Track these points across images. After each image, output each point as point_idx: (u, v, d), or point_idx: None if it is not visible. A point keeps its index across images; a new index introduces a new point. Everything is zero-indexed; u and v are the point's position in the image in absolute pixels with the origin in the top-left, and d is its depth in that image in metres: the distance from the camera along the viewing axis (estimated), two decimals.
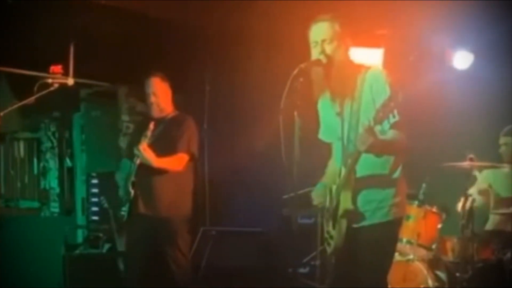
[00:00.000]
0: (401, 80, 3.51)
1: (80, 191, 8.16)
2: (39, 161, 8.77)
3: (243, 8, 5.78)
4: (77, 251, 6.74)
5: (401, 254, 5.16)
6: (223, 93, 6.90)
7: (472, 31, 5.80)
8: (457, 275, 5.02)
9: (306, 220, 5.99)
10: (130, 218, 4.99)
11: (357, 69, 3.50)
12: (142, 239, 5.03)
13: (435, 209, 5.25)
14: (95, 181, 7.55)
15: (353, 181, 3.41)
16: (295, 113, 3.32)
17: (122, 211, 5.02)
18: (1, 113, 4.79)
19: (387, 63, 5.79)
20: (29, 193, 8.76)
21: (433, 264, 5.24)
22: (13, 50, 5.88)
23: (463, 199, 5.00)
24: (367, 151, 3.26)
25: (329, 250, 3.60)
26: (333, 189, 3.54)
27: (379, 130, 3.20)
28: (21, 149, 8.83)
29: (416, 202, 5.21)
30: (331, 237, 3.54)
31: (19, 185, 8.80)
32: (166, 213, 4.96)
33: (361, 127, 3.28)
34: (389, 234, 3.51)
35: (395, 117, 3.07)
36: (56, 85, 4.98)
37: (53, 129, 8.61)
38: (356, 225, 3.46)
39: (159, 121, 5.07)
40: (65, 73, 5.33)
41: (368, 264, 3.43)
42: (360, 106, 3.42)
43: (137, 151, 4.85)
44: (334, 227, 3.50)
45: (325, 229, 3.64)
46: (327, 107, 3.61)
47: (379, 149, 3.29)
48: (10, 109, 4.98)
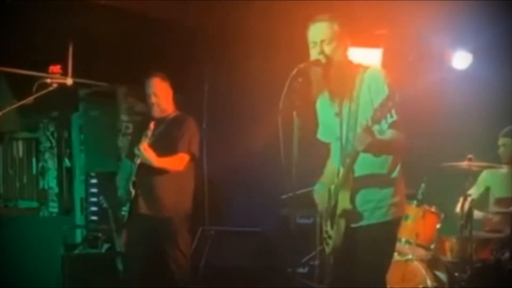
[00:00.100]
0: (400, 80, 3.52)
1: (79, 191, 8.16)
2: (38, 161, 8.77)
3: (242, 8, 5.78)
4: (76, 251, 6.74)
5: (400, 254, 5.16)
6: (222, 93, 6.90)
7: (471, 31, 5.80)
8: (456, 275, 5.03)
9: (305, 220, 6.00)
10: (130, 218, 4.99)
11: (355, 69, 3.50)
12: (142, 239, 5.03)
13: (433, 209, 5.25)
14: (94, 181, 7.55)
15: (352, 181, 3.41)
16: (294, 113, 3.31)
17: (122, 211, 5.02)
18: (0, 113, 4.79)
19: (386, 63, 5.79)
20: (28, 193, 8.75)
21: (432, 264, 5.25)
22: (12, 50, 5.87)
23: (462, 199, 5.00)
24: (365, 151, 3.26)
25: (327, 250, 3.60)
26: (332, 189, 3.55)
27: (377, 130, 3.21)
28: (19, 149, 8.82)
29: (414, 202, 5.20)
30: (330, 237, 3.54)
31: (18, 185, 8.79)
32: (166, 213, 4.96)
33: (359, 127, 3.28)
34: (387, 234, 3.51)
35: (393, 116, 3.07)
36: (55, 85, 4.97)
37: (52, 129, 8.60)
38: (354, 225, 3.46)
39: (160, 121, 5.07)
40: (64, 73, 5.33)
41: (366, 264, 3.43)
42: (358, 106, 3.42)
43: (137, 151, 4.85)
44: (332, 227, 3.51)
45: (323, 229, 3.65)
46: (325, 107, 3.61)
47: (377, 148, 3.29)
48: (9, 109, 4.98)
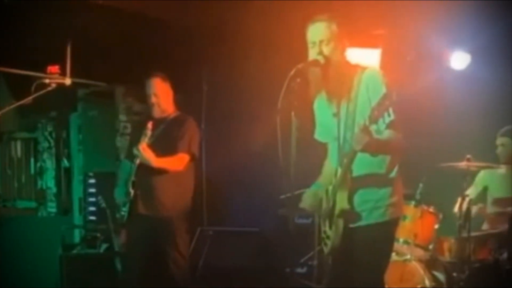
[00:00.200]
0: (398, 80, 3.52)
1: (77, 191, 8.15)
2: (36, 161, 8.76)
3: (240, 8, 5.78)
4: (74, 251, 6.73)
5: (398, 254, 5.17)
6: (220, 93, 6.90)
7: (469, 31, 5.80)
8: (454, 275, 5.03)
9: (303, 220, 6.00)
10: (129, 218, 4.99)
11: (353, 70, 3.51)
12: (141, 239, 5.02)
13: (432, 209, 5.26)
14: (92, 181, 7.54)
15: (349, 181, 3.41)
16: (292, 114, 3.31)
17: (122, 211, 5.02)
18: None
19: (385, 64, 5.79)
20: (26, 193, 8.75)
21: (430, 264, 5.25)
22: (10, 50, 5.87)
23: (460, 200, 5.01)
24: (363, 151, 3.26)
25: (325, 250, 3.61)
26: (329, 189, 3.55)
27: (374, 129, 3.21)
28: (18, 149, 8.82)
29: (413, 202, 5.21)
30: (328, 237, 3.54)
31: (16, 185, 8.79)
32: (166, 213, 4.96)
33: (357, 127, 3.28)
34: (385, 234, 3.51)
35: (390, 116, 3.07)
36: (53, 85, 4.98)
37: (50, 129, 8.60)
38: (352, 225, 3.46)
39: (160, 121, 5.07)
40: (63, 73, 5.33)
41: (364, 264, 3.44)
42: (356, 106, 3.42)
43: (136, 151, 4.85)
44: (330, 227, 3.51)
45: (321, 229, 3.65)
46: (323, 107, 3.62)
47: (375, 148, 3.29)
48: (7, 109, 4.98)
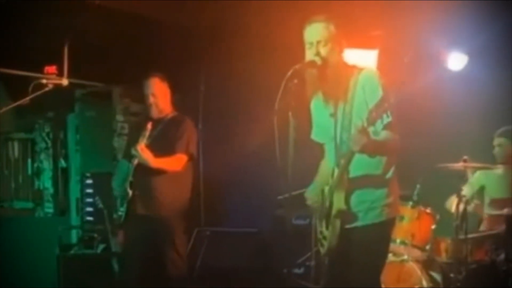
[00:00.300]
0: (395, 81, 3.52)
1: (74, 192, 8.15)
2: (33, 162, 8.76)
3: (238, 8, 5.78)
4: (72, 252, 6.73)
5: (396, 254, 5.17)
6: (218, 94, 6.90)
7: (466, 32, 5.81)
8: (451, 275, 5.03)
9: (301, 220, 5.99)
10: (127, 218, 4.99)
11: (350, 71, 3.51)
12: (139, 240, 5.02)
13: (429, 210, 5.26)
14: (89, 181, 7.54)
15: (346, 182, 3.42)
16: (290, 114, 3.32)
17: (119, 211, 5.01)
18: None
19: (382, 65, 5.79)
20: (23, 193, 8.75)
21: (427, 264, 5.26)
22: (8, 50, 5.86)
23: (456, 200, 5.01)
24: (360, 152, 3.27)
25: (322, 250, 3.61)
26: (326, 189, 3.55)
27: (372, 131, 3.22)
28: (15, 150, 8.82)
29: (410, 203, 5.21)
30: (324, 237, 3.55)
31: (13, 185, 8.78)
32: (164, 213, 4.96)
33: (353, 128, 3.29)
34: (382, 234, 3.52)
35: (388, 117, 3.09)
36: (50, 86, 4.96)
37: (47, 129, 8.60)
38: (349, 226, 3.47)
39: (157, 122, 5.06)
40: (60, 74, 5.32)
41: (361, 264, 3.44)
42: (352, 107, 3.43)
43: (134, 151, 4.85)
44: (327, 228, 3.51)
45: (318, 229, 3.65)
46: (320, 108, 3.62)
47: (372, 149, 3.30)
48: (4, 109, 4.96)
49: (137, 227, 5.00)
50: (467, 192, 5.27)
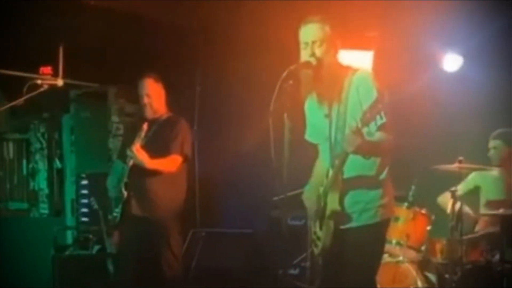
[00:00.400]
0: (391, 82, 3.52)
1: (69, 192, 8.14)
2: (29, 162, 8.75)
3: (233, 9, 5.78)
4: (67, 252, 6.72)
5: (391, 255, 5.18)
6: (213, 94, 6.89)
7: (461, 34, 5.82)
8: (446, 276, 5.03)
9: (296, 221, 5.99)
10: (122, 219, 4.98)
11: (345, 71, 3.51)
12: (134, 240, 5.01)
13: (424, 211, 5.27)
14: (84, 182, 7.53)
15: (341, 183, 3.42)
16: (285, 115, 3.32)
17: (115, 212, 5.00)
18: None
19: (377, 66, 5.80)
20: (18, 194, 8.74)
21: (423, 265, 5.26)
22: (2, 51, 5.85)
23: (452, 201, 5.02)
24: (354, 152, 3.27)
25: (316, 251, 3.61)
26: (320, 190, 3.55)
27: (366, 132, 3.22)
28: (10, 150, 8.80)
29: (405, 204, 5.21)
30: (318, 238, 3.55)
31: (8, 186, 8.77)
32: (159, 214, 4.95)
33: (348, 129, 3.29)
34: (376, 235, 3.52)
35: (382, 118, 3.09)
36: (45, 86, 4.96)
37: (42, 130, 8.58)
38: (343, 227, 3.47)
39: (152, 122, 5.05)
40: (55, 74, 5.31)
41: (355, 265, 3.44)
42: (347, 107, 3.43)
43: (130, 152, 4.84)
44: (321, 228, 3.51)
45: (312, 230, 3.65)
46: (314, 108, 3.62)
47: (366, 150, 3.30)
48: None
49: (132, 228, 4.99)
50: (461, 189, 5.28)
